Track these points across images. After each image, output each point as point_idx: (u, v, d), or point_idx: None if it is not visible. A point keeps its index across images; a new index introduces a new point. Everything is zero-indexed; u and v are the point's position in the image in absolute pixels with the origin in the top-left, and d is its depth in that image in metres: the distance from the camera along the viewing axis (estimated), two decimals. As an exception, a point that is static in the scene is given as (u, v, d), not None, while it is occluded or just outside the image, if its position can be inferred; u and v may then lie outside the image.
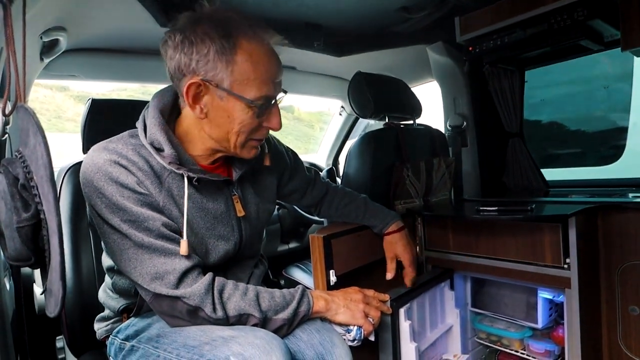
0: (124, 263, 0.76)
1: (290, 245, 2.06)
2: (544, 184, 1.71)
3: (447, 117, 1.78)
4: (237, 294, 0.78)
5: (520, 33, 1.28)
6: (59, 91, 5.68)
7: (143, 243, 0.74)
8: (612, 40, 1.32)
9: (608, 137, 2.26)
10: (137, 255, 0.75)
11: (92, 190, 0.74)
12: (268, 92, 0.78)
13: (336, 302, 0.89)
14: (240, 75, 0.74)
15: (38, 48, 1.26)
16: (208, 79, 0.74)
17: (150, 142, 0.78)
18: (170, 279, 0.74)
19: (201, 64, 0.73)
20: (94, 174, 0.74)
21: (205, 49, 0.73)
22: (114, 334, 0.91)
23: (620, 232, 1.16)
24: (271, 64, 0.78)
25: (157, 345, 0.78)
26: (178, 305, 0.75)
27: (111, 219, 0.74)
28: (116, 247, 0.76)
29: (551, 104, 2.44)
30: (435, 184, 1.53)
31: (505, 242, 1.19)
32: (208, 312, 0.75)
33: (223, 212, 0.87)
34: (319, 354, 0.82)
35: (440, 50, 1.67)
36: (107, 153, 0.75)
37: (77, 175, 1.16)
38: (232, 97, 0.75)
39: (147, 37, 1.42)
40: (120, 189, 0.74)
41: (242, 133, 0.79)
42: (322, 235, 1.06)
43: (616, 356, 1.18)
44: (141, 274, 0.75)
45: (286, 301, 0.83)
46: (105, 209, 0.74)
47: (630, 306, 1.15)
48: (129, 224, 0.74)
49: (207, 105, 0.77)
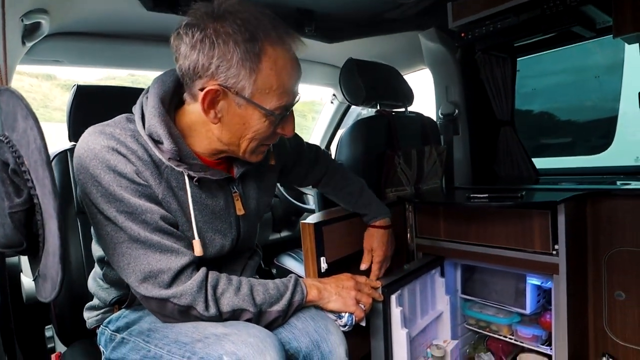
0: (117, 257, 0.72)
1: (282, 234, 2.06)
2: (535, 172, 1.72)
3: (438, 105, 1.77)
4: (230, 290, 0.76)
5: (513, 19, 1.27)
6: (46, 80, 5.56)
7: (139, 237, 0.70)
8: (604, 27, 1.32)
9: (598, 127, 2.28)
10: (131, 250, 0.71)
11: (87, 178, 0.70)
12: (288, 102, 0.74)
13: (328, 290, 0.88)
14: (263, 84, 0.70)
15: (19, 31, 1.22)
16: (228, 86, 0.69)
17: (149, 133, 0.73)
18: (164, 278, 0.71)
19: (222, 69, 0.68)
20: (90, 160, 0.69)
21: (229, 54, 0.67)
22: (105, 325, 0.90)
23: (608, 219, 1.17)
24: (294, 73, 0.74)
25: (147, 339, 0.77)
26: (168, 306, 0.73)
27: (106, 209, 0.70)
28: (109, 240, 0.72)
29: (542, 94, 2.45)
30: (427, 172, 1.54)
31: (495, 229, 1.20)
32: (200, 310, 0.73)
33: (222, 209, 0.84)
34: (314, 341, 0.82)
35: (433, 37, 1.65)
36: (105, 138, 0.71)
37: (64, 163, 1.16)
38: (251, 105, 0.71)
39: (134, 21, 1.39)
40: (118, 178, 0.70)
41: (255, 140, 0.76)
42: (313, 223, 1.06)
43: (601, 340, 1.21)
44: (134, 271, 0.71)
45: (280, 292, 0.81)
46: (101, 198, 0.70)
47: (616, 292, 1.17)
48: (125, 216, 0.70)
49: (223, 110, 0.72)
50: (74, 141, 1.19)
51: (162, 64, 1.72)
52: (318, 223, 1.07)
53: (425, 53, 1.75)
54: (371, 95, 1.43)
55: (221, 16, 0.68)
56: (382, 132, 1.45)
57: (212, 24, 0.67)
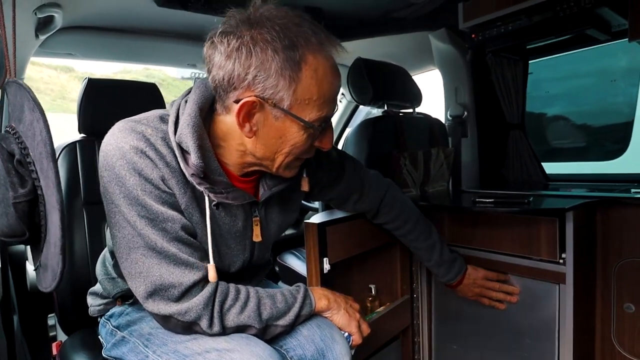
0: (129, 263, 0.69)
1: (287, 232, 2.05)
2: (544, 177, 1.68)
3: (447, 106, 1.75)
4: (237, 306, 0.73)
5: (525, 20, 1.24)
6: (64, 72, 5.69)
7: (156, 246, 0.67)
8: (619, 30, 1.28)
9: (613, 132, 2.22)
10: (145, 258, 0.68)
11: (112, 176, 0.67)
12: (328, 112, 0.70)
13: (338, 303, 0.86)
14: (303, 95, 0.66)
15: (33, 24, 1.24)
16: (265, 97, 0.65)
17: (179, 141, 0.68)
18: (174, 292, 0.68)
19: (260, 78, 0.63)
20: (117, 159, 0.67)
21: (267, 63, 0.62)
22: (107, 317, 0.90)
23: (619, 228, 1.14)
24: (334, 82, 0.69)
25: (147, 343, 0.76)
26: (171, 321, 0.70)
27: (127, 212, 0.67)
28: (125, 243, 0.69)
29: (556, 97, 2.40)
30: (433, 174, 1.51)
31: (501, 235, 1.18)
32: (204, 327, 0.70)
33: (239, 231, 0.81)
34: (319, 350, 0.80)
35: (443, 38, 1.63)
36: (135, 138, 0.67)
37: (73, 154, 1.17)
38: (289, 117, 0.67)
39: (144, 17, 1.40)
40: (143, 182, 0.67)
41: (291, 154, 0.71)
42: (317, 222, 1.05)
43: (609, 353, 1.17)
44: (145, 281, 0.68)
45: (288, 305, 0.78)
46: (123, 199, 0.67)
47: (626, 304, 1.13)
48: (145, 221, 0.67)
49: (259, 123, 0.68)
50: (84, 133, 1.21)
51: (172, 59, 1.74)
52: (322, 223, 1.06)
53: (435, 54, 1.72)
54: (378, 95, 1.41)
55: (258, 22, 0.64)
56: (388, 133, 1.44)
57: (249, 31, 0.63)
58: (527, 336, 1.18)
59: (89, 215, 1.16)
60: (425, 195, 1.49)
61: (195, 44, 1.59)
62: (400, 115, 1.49)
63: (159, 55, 1.66)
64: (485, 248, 1.22)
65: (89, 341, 1.02)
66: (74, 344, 1.03)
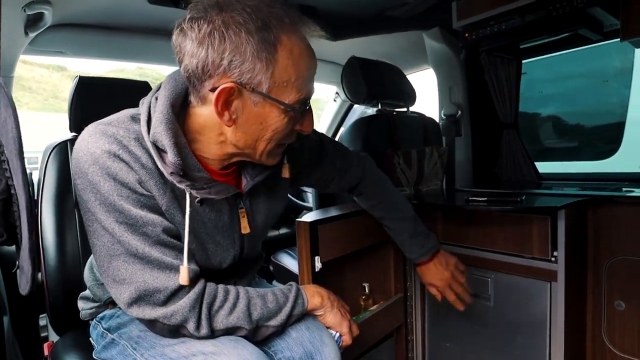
0: (111, 271, 0.67)
1: (281, 230, 2.05)
2: (537, 176, 1.69)
3: (441, 105, 1.75)
4: (226, 307, 0.71)
5: (518, 20, 1.25)
6: (56, 71, 5.64)
7: (137, 252, 0.65)
8: (611, 30, 1.29)
9: (605, 132, 2.24)
10: (127, 264, 0.66)
11: (85, 184, 0.65)
12: (307, 94, 0.68)
13: (331, 301, 0.85)
14: (281, 77, 0.64)
15: (22, 21, 1.23)
16: (243, 82, 0.62)
17: (153, 140, 0.66)
18: (159, 297, 0.66)
19: (236, 63, 0.61)
20: (89, 166, 0.64)
21: (242, 46, 0.60)
22: (98, 320, 0.89)
23: (610, 226, 1.15)
24: (310, 62, 0.67)
25: (136, 346, 0.75)
26: (157, 325, 0.68)
27: (104, 220, 0.65)
28: (105, 252, 0.66)
29: (549, 97, 2.42)
30: (427, 173, 1.52)
31: (494, 234, 1.18)
32: (191, 329, 0.68)
33: (226, 225, 0.78)
34: (307, 352, 0.78)
35: (437, 37, 1.63)
36: (107, 141, 0.64)
37: (64, 153, 1.16)
38: (269, 102, 0.65)
39: (136, 14, 1.39)
40: (119, 187, 0.64)
41: (273, 140, 0.69)
42: (309, 221, 1.05)
43: (599, 350, 1.18)
44: (128, 288, 0.66)
45: (279, 305, 0.76)
46: (99, 206, 0.64)
47: (616, 301, 1.14)
48: (125, 227, 0.65)
49: (237, 111, 0.65)
50: (75, 132, 1.20)
51: (164, 58, 1.72)
52: (313, 221, 1.05)
53: (429, 53, 1.73)
54: (372, 94, 1.41)
55: (228, 5, 0.61)
56: (382, 132, 1.44)
57: (219, 15, 0.60)
58: (519, 334, 1.18)
59: (80, 215, 1.15)
60: (419, 194, 1.49)
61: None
62: (394, 114, 1.49)
63: (150, 54, 1.65)
64: (478, 246, 1.22)
65: (80, 342, 1.01)
66: (65, 345, 1.02)
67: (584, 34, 1.26)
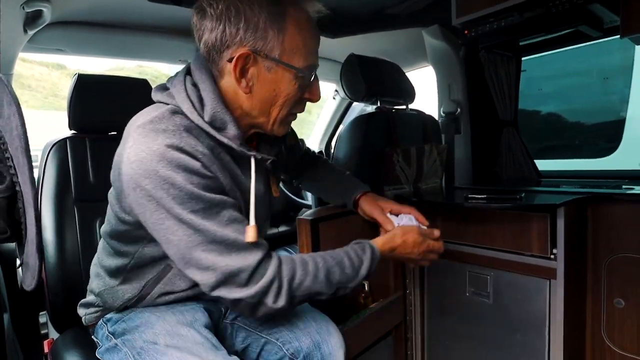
0: (194, 262, 0.68)
1: (280, 228, 2.05)
2: (537, 173, 1.69)
3: (441, 103, 1.75)
4: (307, 280, 0.74)
5: (517, 17, 1.24)
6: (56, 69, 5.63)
7: (215, 237, 0.68)
8: (611, 26, 1.28)
9: (605, 129, 2.24)
10: (209, 253, 0.68)
11: (156, 182, 0.65)
12: (314, 62, 0.76)
13: (399, 252, 0.91)
14: (290, 44, 0.71)
15: (21, 19, 1.22)
16: (257, 49, 0.70)
17: (212, 120, 0.72)
18: (243, 277, 0.69)
19: (250, 32, 0.69)
20: (157, 163, 0.65)
21: (255, 17, 0.69)
22: (105, 320, 0.88)
23: (609, 223, 1.15)
24: (314, 33, 0.76)
25: (137, 357, 0.76)
26: (241, 304, 0.71)
27: (181, 212, 0.66)
28: (184, 245, 0.67)
29: (549, 95, 2.41)
30: (426, 170, 1.52)
31: (493, 231, 1.18)
32: (269, 303, 0.71)
33: (263, 193, 0.85)
34: (315, 342, 0.83)
35: (437, 34, 1.63)
36: (164, 137, 0.67)
37: (63, 150, 1.16)
38: (281, 67, 0.72)
39: (135, 12, 1.38)
40: (190, 176, 0.67)
41: (285, 106, 0.76)
42: (310, 219, 1.05)
43: (599, 348, 1.18)
44: (214, 273, 0.68)
45: (355, 270, 0.80)
46: (174, 200, 0.65)
47: (616, 299, 1.14)
48: (201, 215, 0.67)
49: (253, 78, 0.73)
50: (74, 130, 1.20)
51: (163, 55, 1.72)
52: (314, 219, 1.06)
53: (428, 50, 1.72)
54: (371, 91, 1.41)
55: None
56: (381, 130, 1.43)
57: None
58: (518, 331, 1.18)
59: (80, 212, 1.15)
60: (419, 191, 1.49)
61: (187, 40, 1.57)
62: (393, 111, 1.49)
63: (150, 51, 1.65)
64: (477, 244, 1.22)
65: (80, 339, 1.02)
66: (65, 342, 1.02)
67: (584, 30, 1.26)
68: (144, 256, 0.81)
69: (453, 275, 1.31)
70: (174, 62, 1.77)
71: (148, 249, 0.79)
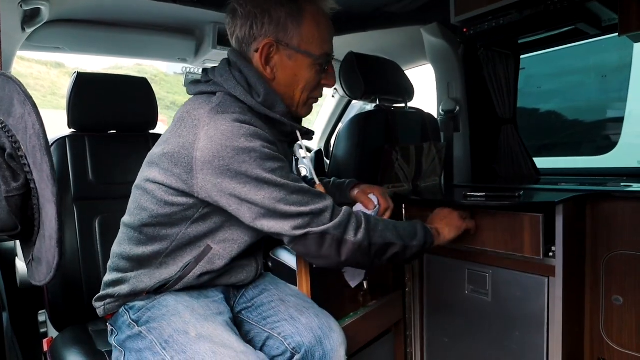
0: (280, 214, 0.77)
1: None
2: (535, 171, 1.69)
3: (440, 101, 1.75)
4: (380, 225, 0.86)
5: (516, 14, 1.24)
6: (54, 68, 5.61)
7: (295, 188, 0.78)
8: (610, 24, 1.28)
9: (604, 127, 2.24)
10: (292, 204, 0.77)
11: (235, 153, 0.74)
12: (329, 50, 0.88)
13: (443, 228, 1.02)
14: (307, 34, 0.84)
15: (19, 17, 1.22)
16: (279, 39, 0.83)
17: (265, 100, 0.83)
18: (327, 215, 0.80)
19: (273, 26, 0.83)
20: (234, 137, 0.74)
21: (276, 14, 0.82)
22: (127, 308, 0.86)
23: (608, 221, 1.15)
24: (329, 25, 0.88)
25: (165, 346, 0.76)
26: (327, 239, 0.79)
27: (262, 172, 0.75)
28: (268, 201, 0.76)
29: (548, 92, 2.41)
30: (425, 168, 1.52)
31: (491, 229, 1.18)
32: (351, 237, 0.81)
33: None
34: (317, 337, 0.85)
35: (435, 32, 1.63)
36: (231, 118, 0.76)
37: (62, 149, 1.16)
38: (300, 55, 0.85)
39: (133, 10, 1.38)
40: (265, 143, 0.77)
41: (305, 90, 0.88)
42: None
43: (597, 345, 1.19)
44: (302, 216, 0.78)
45: (414, 229, 0.92)
46: (255, 162, 0.74)
47: (614, 296, 1.14)
48: (279, 173, 0.77)
49: (277, 65, 0.85)
50: (73, 128, 1.19)
51: (162, 54, 1.72)
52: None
53: (427, 48, 1.72)
54: (370, 90, 1.41)
55: None
56: (380, 128, 1.43)
57: None
58: (517, 328, 1.19)
59: (80, 210, 1.15)
60: (417, 189, 1.49)
61: (186, 38, 1.57)
62: (392, 110, 1.49)
63: (148, 50, 1.64)
64: (475, 242, 1.22)
65: (80, 337, 1.02)
66: (65, 340, 1.02)
67: (582, 28, 1.26)
68: (187, 236, 0.83)
69: (452, 273, 1.31)
70: (172, 61, 1.76)
71: (192, 229, 0.83)
